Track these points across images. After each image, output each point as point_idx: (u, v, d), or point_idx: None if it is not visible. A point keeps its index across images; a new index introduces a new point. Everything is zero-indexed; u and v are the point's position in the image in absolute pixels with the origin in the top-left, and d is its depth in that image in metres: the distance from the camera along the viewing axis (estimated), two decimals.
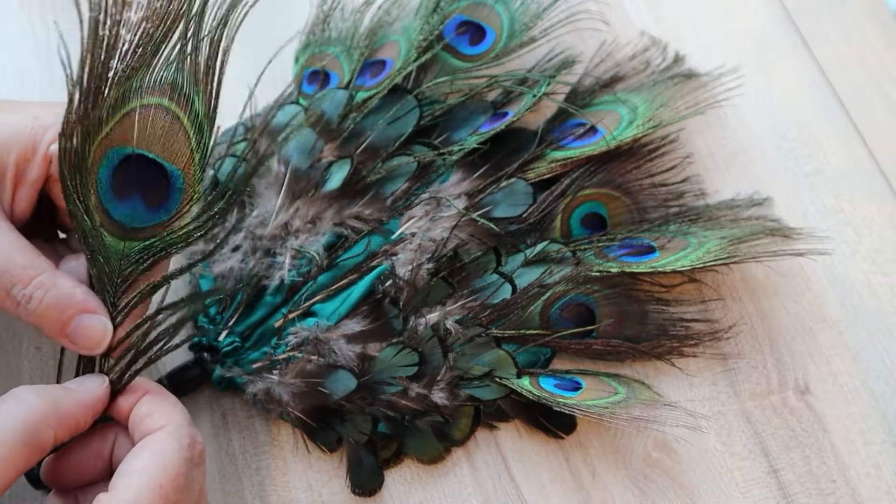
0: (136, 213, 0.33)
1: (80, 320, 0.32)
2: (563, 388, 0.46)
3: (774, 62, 0.58)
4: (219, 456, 0.46)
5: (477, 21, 0.54)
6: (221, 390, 0.46)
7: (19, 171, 0.34)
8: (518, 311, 0.48)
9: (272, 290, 0.47)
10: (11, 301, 0.32)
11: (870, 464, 0.48)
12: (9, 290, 0.32)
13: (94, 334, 0.33)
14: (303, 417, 0.45)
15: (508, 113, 0.52)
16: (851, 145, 0.56)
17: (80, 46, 0.34)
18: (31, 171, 0.34)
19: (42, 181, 0.35)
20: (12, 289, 0.32)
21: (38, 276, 0.32)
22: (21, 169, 0.34)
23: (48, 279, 0.32)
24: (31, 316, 0.32)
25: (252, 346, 0.47)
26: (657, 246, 0.49)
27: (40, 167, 0.34)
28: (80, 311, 0.32)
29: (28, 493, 0.45)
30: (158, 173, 0.33)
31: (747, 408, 0.49)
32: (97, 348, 0.33)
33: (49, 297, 0.32)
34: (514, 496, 0.46)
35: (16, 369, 0.47)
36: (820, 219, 0.54)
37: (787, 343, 0.50)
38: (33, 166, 0.34)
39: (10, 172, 0.34)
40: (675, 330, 0.49)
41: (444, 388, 0.46)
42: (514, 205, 0.50)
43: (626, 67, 0.55)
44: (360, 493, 0.45)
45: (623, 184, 0.52)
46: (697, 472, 0.47)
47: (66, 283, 0.33)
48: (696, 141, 0.55)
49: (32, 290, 0.32)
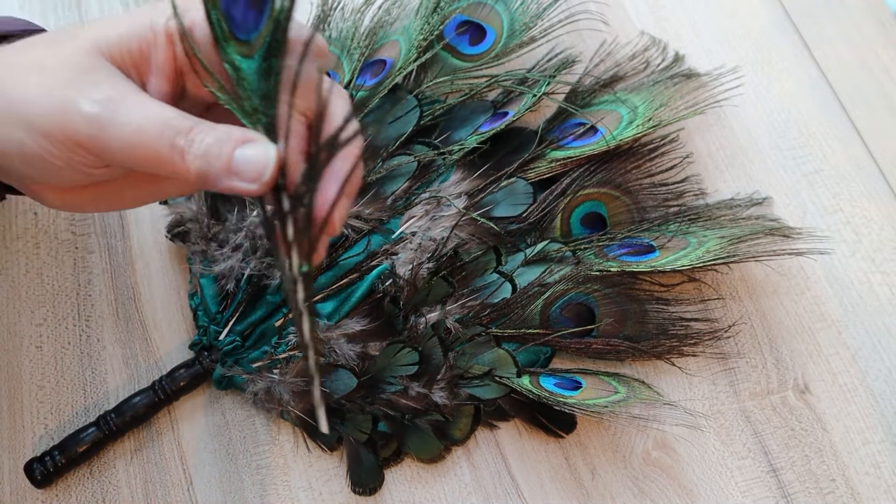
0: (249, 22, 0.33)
1: (243, 149, 0.32)
2: (563, 387, 0.46)
3: (774, 62, 0.58)
4: (219, 455, 0.46)
5: (477, 21, 0.54)
6: (222, 389, 0.46)
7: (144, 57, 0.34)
8: (518, 310, 0.48)
9: (273, 290, 0.47)
10: (176, 152, 0.32)
11: (869, 463, 0.48)
12: (172, 140, 0.32)
13: (258, 157, 0.32)
14: (303, 416, 0.45)
15: (508, 112, 0.52)
16: (851, 145, 0.56)
17: None
18: (156, 56, 0.34)
19: (172, 67, 0.35)
20: (175, 138, 0.32)
21: (198, 125, 0.32)
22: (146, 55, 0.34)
23: (206, 125, 0.32)
24: (195, 160, 0.32)
25: (252, 346, 0.47)
26: (657, 245, 0.49)
27: (165, 49, 0.34)
28: (242, 142, 0.32)
29: (28, 493, 0.45)
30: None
31: (747, 407, 0.49)
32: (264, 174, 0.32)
33: (210, 137, 0.32)
34: (514, 495, 0.46)
35: (16, 369, 0.47)
36: (819, 218, 0.54)
37: (786, 342, 0.50)
38: (156, 50, 0.34)
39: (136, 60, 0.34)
40: (675, 329, 0.49)
41: (445, 388, 0.46)
42: (514, 204, 0.50)
43: (625, 67, 0.55)
44: (360, 492, 0.46)
45: (623, 183, 0.52)
46: (697, 471, 0.47)
47: (223, 125, 0.33)
48: (695, 141, 0.55)
49: (194, 134, 0.32)
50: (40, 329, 0.48)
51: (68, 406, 0.47)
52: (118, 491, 0.45)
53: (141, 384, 0.47)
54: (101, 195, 0.36)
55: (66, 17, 0.55)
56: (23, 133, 0.32)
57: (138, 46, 0.34)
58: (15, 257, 0.50)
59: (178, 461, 0.46)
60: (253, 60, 0.33)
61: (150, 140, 0.32)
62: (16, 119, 0.32)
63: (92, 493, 0.45)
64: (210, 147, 0.32)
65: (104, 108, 0.32)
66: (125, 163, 0.33)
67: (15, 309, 0.48)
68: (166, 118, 0.32)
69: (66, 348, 0.48)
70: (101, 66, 0.33)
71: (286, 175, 0.32)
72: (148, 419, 0.46)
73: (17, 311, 0.48)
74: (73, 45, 0.33)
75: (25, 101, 0.32)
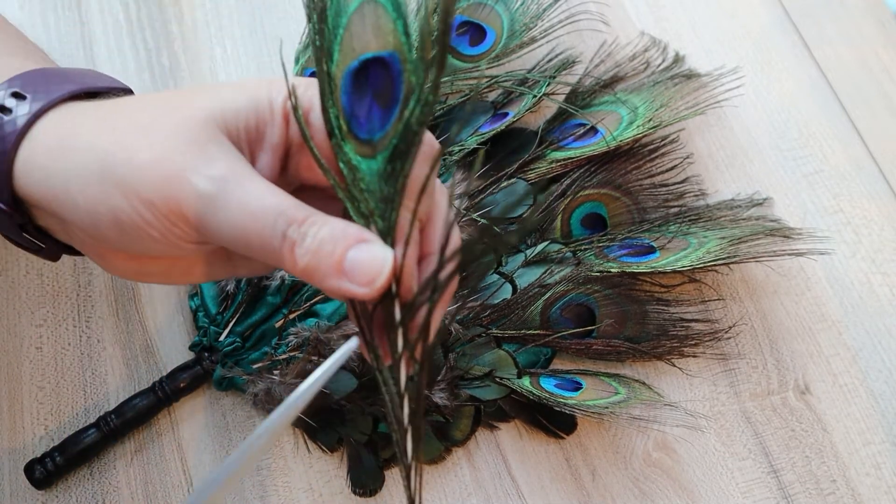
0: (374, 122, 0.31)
1: (358, 250, 0.30)
2: (564, 388, 0.46)
3: (774, 62, 0.58)
4: (219, 456, 0.46)
5: (477, 21, 0.54)
6: (222, 390, 0.46)
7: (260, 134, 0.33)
8: (518, 311, 0.48)
9: (273, 291, 0.47)
10: (287, 243, 0.30)
11: (869, 463, 0.48)
12: (285, 231, 0.30)
13: (374, 261, 0.29)
14: (303, 417, 0.45)
15: (509, 113, 0.52)
16: (851, 145, 0.56)
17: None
18: (271, 134, 0.33)
19: (283, 146, 0.33)
20: (288, 229, 0.30)
21: (312, 216, 0.30)
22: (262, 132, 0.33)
23: (321, 217, 0.30)
24: (305, 255, 0.30)
25: (253, 347, 0.47)
26: (657, 246, 0.49)
27: (280, 128, 0.33)
28: (357, 241, 0.30)
29: (28, 494, 0.45)
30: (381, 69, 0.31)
31: (747, 408, 0.49)
32: (378, 279, 0.29)
33: (324, 231, 0.30)
34: (515, 496, 0.46)
35: (16, 370, 0.47)
36: (820, 219, 0.54)
37: (786, 343, 0.50)
38: (272, 129, 0.33)
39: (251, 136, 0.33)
40: (676, 330, 0.49)
41: (445, 388, 0.46)
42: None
43: (626, 68, 0.55)
44: (360, 493, 0.46)
45: (623, 184, 0.52)
46: (698, 472, 0.47)
47: (338, 220, 0.30)
48: (696, 141, 0.55)
49: (307, 227, 0.30)
50: (40, 330, 0.48)
51: (68, 407, 0.47)
52: (118, 492, 0.45)
53: (141, 385, 0.47)
54: (173, 267, 0.35)
55: (66, 16, 0.55)
56: (121, 199, 0.31)
57: (255, 123, 0.33)
58: (15, 258, 0.49)
59: (179, 462, 0.46)
60: (375, 161, 0.31)
61: (263, 228, 0.30)
62: (117, 183, 0.31)
63: (92, 494, 0.45)
64: (323, 243, 0.30)
65: (219, 186, 0.30)
66: (228, 244, 0.31)
67: (15, 310, 0.48)
68: (282, 207, 0.30)
69: (66, 349, 0.48)
70: (216, 140, 0.31)
71: (400, 283, 0.30)
72: (148, 420, 0.46)
73: (17, 311, 0.48)
74: (186, 112, 0.31)
75: (132, 167, 0.30)
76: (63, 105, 0.34)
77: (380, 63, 0.31)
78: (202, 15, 0.56)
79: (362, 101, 0.30)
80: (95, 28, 0.55)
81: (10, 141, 0.33)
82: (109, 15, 0.56)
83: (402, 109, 0.30)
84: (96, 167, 0.31)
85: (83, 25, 0.55)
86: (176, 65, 0.55)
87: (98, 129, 0.32)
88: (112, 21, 0.55)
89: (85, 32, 0.55)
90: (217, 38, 0.56)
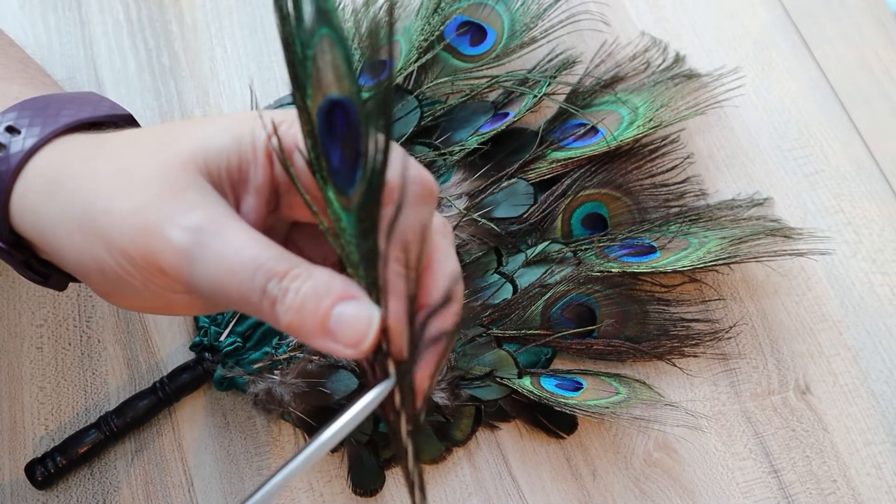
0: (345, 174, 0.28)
1: (343, 308, 0.28)
2: (564, 388, 0.46)
3: (774, 62, 0.58)
4: (219, 456, 0.46)
5: (478, 21, 0.54)
6: (222, 390, 0.46)
7: (243, 175, 0.31)
8: (519, 311, 0.48)
9: None
10: (267, 299, 0.28)
11: (870, 463, 0.48)
12: (264, 287, 0.28)
13: (359, 321, 0.28)
14: (304, 417, 0.45)
15: (509, 113, 0.52)
16: (851, 145, 0.56)
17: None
18: (255, 175, 0.31)
19: (269, 186, 0.32)
20: (267, 284, 0.28)
21: (294, 269, 0.28)
22: (245, 174, 0.31)
23: (304, 270, 0.28)
24: (287, 313, 0.28)
25: (253, 346, 0.47)
26: (658, 246, 0.49)
27: (265, 168, 0.31)
28: (342, 298, 0.28)
29: (29, 494, 0.45)
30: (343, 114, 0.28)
31: (748, 408, 0.49)
32: (364, 340, 0.28)
33: (307, 286, 0.28)
34: (515, 496, 0.46)
35: (17, 370, 0.47)
36: (820, 219, 0.54)
37: (787, 343, 0.50)
38: (255, 169, 0.31)
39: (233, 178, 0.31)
40: (676, 330, 0.49)
41: (446, 388, 0.46)
42: (515, 205, 0.50)
43: (626, 68, 0.55)
44: (361, 493, 0.45)
45: (624, 184, 0.52)
46: (698, 472, 0.47)
47: (323, 272, 0.28)
48: (696, 141, 0.55)
49: (289, 282, 0.28)
50: (41, 330, 0.48)
51: (69, 407, 0.47)
52: (119, 492, 0.45)
53: (142, 385, 0.47)
54: (170, 306, 0.33)
55: (66, 16, 0.55)
56: (103, 250, 0.30)
57: (238, 164, 0.31)
58: None
59: (179, 462, 0.46)
60: (352, 214, 0.28)
61: (241, 283, 0.28)
62: (98, 234, 0.30)
63: (93, 494, 0.45)
64: (306, 299, 0.28)
65: (195, 239, 0.29)
66: (208, 298, 0.30)
67: (15, 310, 0.48)
68: (261, 259, 0.28)
69: (66, 349, 0.48)
70: (195, 185, 0.30)
71: (390, 341, 0.29)
72: (149, 420, 0.46)
73: (17, 311, 0.48)
74: (170, 152, 0.30)
75: (111, 218, 0.30)
76: (57, 140, 0.33)
77: (341, 107, 0.28)
78: (202, 15, 0.56)
79: (334, 146, 0.28)
80: (95, 28, 0.55)
81: (4, 181, 0.32)
82: (109, 15, 0.56)
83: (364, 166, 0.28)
84: (79, 214, 0.30)
85: (83, 25, 0.55)
86: (176, 65, 0.55)
87: (83, 171, 0.31)
88: (112, 21, 0.55)
89: (85, 32, 0.55)
90: (217, 38, 0.56)
